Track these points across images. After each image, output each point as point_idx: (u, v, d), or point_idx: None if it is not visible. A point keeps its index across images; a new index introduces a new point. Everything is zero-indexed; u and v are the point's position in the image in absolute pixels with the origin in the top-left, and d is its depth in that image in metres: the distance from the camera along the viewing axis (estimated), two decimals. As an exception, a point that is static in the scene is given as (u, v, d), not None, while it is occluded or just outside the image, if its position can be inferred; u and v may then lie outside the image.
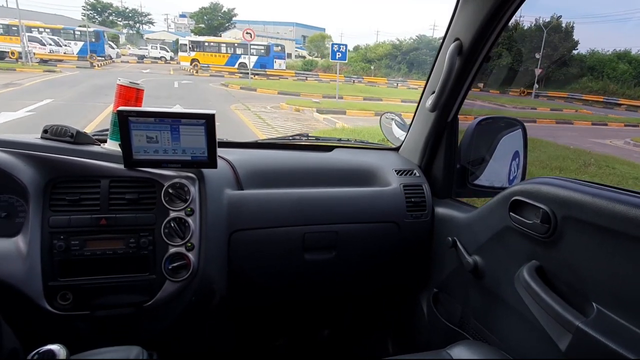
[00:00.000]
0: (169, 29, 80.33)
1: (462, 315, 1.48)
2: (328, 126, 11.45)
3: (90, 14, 60.48)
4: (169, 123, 1.22)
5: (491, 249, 1.28)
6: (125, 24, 66.33)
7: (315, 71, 38.90)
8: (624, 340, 0.82)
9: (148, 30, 69.96)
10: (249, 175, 1.52)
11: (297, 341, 2.03)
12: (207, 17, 59.15)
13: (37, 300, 1.18)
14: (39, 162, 1.23)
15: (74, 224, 1.22)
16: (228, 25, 60.58)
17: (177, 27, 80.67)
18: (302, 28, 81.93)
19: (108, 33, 51.41)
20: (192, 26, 62.26)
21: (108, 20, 61.84)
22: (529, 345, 1.13)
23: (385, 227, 1.59)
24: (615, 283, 0.88)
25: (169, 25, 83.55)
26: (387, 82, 32.38)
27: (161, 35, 63.97)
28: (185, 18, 76.25)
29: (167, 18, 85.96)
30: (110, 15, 62.92)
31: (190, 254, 1.29)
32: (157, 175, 1.30)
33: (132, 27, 67.00)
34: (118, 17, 64.38)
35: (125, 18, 65.47)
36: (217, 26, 58.49)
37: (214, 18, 59.32)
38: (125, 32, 64.57)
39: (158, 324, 1.35)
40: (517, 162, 1.66)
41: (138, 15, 66.26)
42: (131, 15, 65.31)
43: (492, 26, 1.27)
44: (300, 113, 13.75)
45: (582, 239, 0.95)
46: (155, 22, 71.83)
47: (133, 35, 63.69)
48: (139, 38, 62.03)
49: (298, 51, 66.78)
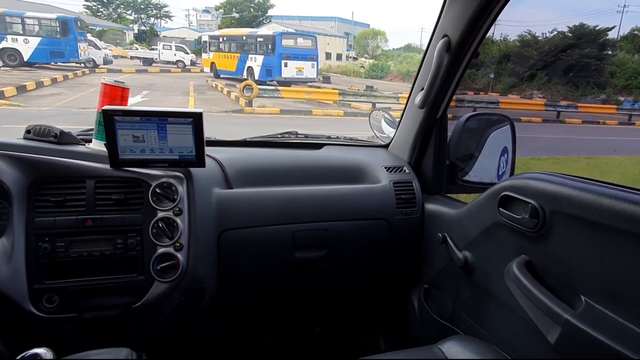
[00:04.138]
0: (190, 25, 64.55)
1: (452, 311, 1.49)
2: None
3: (93, 6, 50.16)
4: (155, 122, 1.21)
5: (481, 244, 1.29)
6: (135, 18, 54.59)
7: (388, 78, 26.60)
8: (612, 332, 0.83)
9: (165, 27, 57.58)
10: (238, 174, 1.51)
11: (288, 339, 2.03)
12: (237, 8, 49.10)
13: (22, 303, 1.15)
14: (22, 163, 1.21)
15: (59, 225, 1.20)
16: (263, 19, 50.42)
17: (199, 24, 65.03)
18: (344, 24, 66.08)
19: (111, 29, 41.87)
20: (218, 20, 49.79)
21: (115, 14, 52.16)
22: (519, 338, 1.14)
23: (375, 224, 1.59)
24: (603, 276, 0.90)
25: (190, 22, 66.99)
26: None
27: (181, 33, 51.08)
28: (208, 14, 64.71)
29: (188, 14, 72.03)
30: (117, 8, 52.46)
31: (179, 254, 1.27)
32: (144, 175, 1.28)
33: (144, 23, 54.68)
34: (127, 10, 53.49)
35: (136, 11, 54.07)
36: (249, 20, 47.90)
37: (246, 9, 49.63)
38: (135, 28, 51.71)
39: (147, 325, 1.34)
40: (505, 158, 1.67)
41: (152, 8, 54.56)
42: (143, 7, 53.97)
43: (480, 22, 1.28)
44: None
45: (570, 233, 0.97)
46: (173, 17, 61.00)
47: (145, 33, 49.73)
48: (152, 35, 48.27)
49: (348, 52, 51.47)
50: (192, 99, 14.37)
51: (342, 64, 38.37)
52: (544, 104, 13.99)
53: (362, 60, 38.56)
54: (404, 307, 1.80)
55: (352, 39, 56.55)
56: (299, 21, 59.19)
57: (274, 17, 53.27)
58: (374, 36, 47.94)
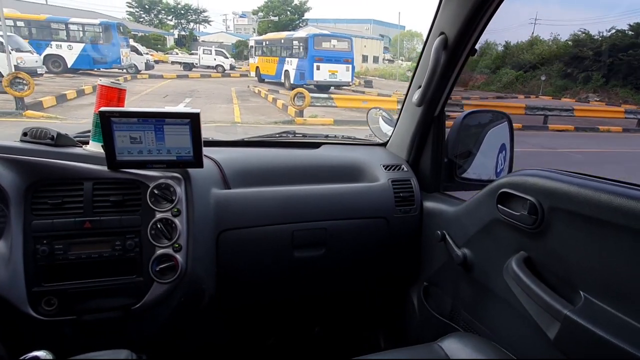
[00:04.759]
0: (228, 30, 66.90)
1: (452, 308, 1.49)
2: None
3: (136, 12, 50.76)
4: (152, 123, 1.20)
5: (480, 241, 1.30)
6: (176, 24, 55.14)
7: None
8: (611, 327, 0.83)
9: (203, 32, 58.79)
10: (236, 174, 1.51)
11: (288, 339, 2.03)
12: (274, 12, 48.78)
13: (21, 306, 1.15)
14: (19, 165, 1.20)
15: (57, 228, 1.19)
16: (299, 23, 49.58)
17: (236, 29, 68.03)
18: (380, 26, 64.48)
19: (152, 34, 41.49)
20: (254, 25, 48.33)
21: (157, 20, 52.52)
22: (518, 335, 1.14)
23: (374, 223, 1.59)
24: (602, 271, 0.90)
25: (227, 27, 69.33)
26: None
27: (219, 37, 52.54)
28: (245, 18, 65.53)
29: (225, 19, 72.09)
30: (159, 14, 52.87)
31: (178, 255, 1.27)
32: (141, 176, 1.28)
33: (183, 28, 55.63)
34: (168, 15, 53.82)
35: (177, 16, 54.21)
36: (286, 23, 47.14)
37: (283, 12, 48.92)
38: (175, 34, 53.06)
39: (147, 327, 1.33)
40: (503, 155, 1.67)
41: (192, 13, 54.94)
42: (183, 12, 54.14)
43: (476, 20, 1.28)
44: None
45: (569, 229, 0.97)
46: (212, 21, 60.24)
47: (185, 37, 52.14)
48: (191, 40, 50.83)
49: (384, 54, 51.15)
50: (236, 108, 13.36)
51: (378, 67, 36.88)
52: (623, 111, 12.59)
53: (398, 62, 37.11)
54: (404, 305, 1.81)
55: (387, 41, 55.47)
56: (333, 24, 58.40)
57: (310, 21, 52.74)
58: (410, 38, 46.90)
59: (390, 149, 1.87)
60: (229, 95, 16.73)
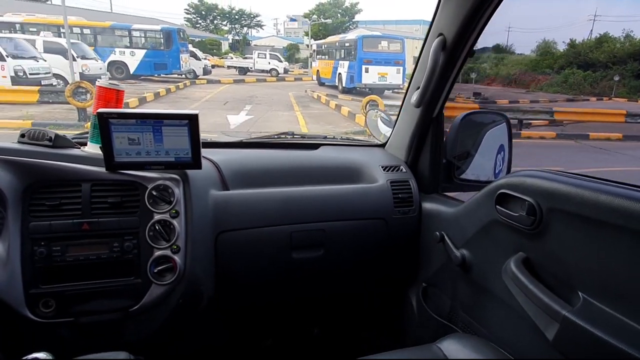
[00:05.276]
0: (278, 34, 69.15)
1: (451, 309, 1.49)
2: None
3: (193, 18, 52.61)
4: (151, 124, 1.20)
5: (478, 242, 1.30)
6: (230, 28, 56.63)
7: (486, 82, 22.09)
8: (610, 328, 0.84)
9: (255, 36, 61.16)
10: (235, 175, 1.51)
11: (287, 340, 2.03)
12: (325, 14, 49.84)
13: (19, 308, 1.15)
14: (17, 167, 1.20)
15: (55, 230, 1.19)
16: (349, 25, 50.15)
17: (286, 32, 69.52)
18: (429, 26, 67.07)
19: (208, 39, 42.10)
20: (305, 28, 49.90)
21: (212, 25, 54.38)
22: (517, 335, 1.15)
23: (372, 224, 1.60)
24: (600, 272, 0.90)
25: (277, 31, 71.70)
26: None
27: (270, 41, 54.19)
28: (295, 22, 66.26)
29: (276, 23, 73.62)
30: (214, 19, 54.60)
31: (176, 256, 1.27)
32: (140, 178, 1.28)
33: (237, 33, 57.08)
34: (223, 21, 55.48)
35: (231, 21, 55.74)
36: (336, 26, 48.01)
37: (333, 15, 50.06)
38: (229, 38, 54.49)
39: (145, 328, 1.33)
40: (502, 156, 1.67)
41: (246, 17, 56.32)
42: (237, 17, 55.57)
43: (475, 21, 1.28)
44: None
45: (568, 230, 0.97)
46: (264, 26, 61.86)
47: (238, 42, 53.30)
48: (245, 44, 51.68)
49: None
50: (299, 116, 12.49)
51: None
52: None
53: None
54: (402, 306, 1.80)
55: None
56: (382, 25, 57.73)
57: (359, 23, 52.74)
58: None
59: (388, 150, 1.87)
60: (288, 101, 16.25)
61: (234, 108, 13.16)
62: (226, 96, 16.60)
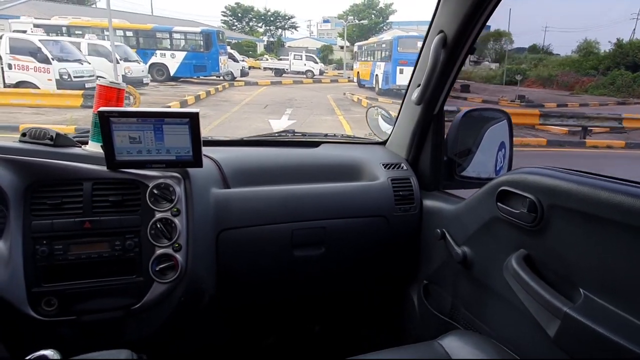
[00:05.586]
0: (312, 35, 68.83)
1: (452, 306, 1.49)
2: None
3: (229, 20, 53.39)
4: (152, 123, 1.20)
5: (480, 239, 1.30)
6: (265, 30, 57.20)
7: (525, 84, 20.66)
8: (611, 324, 0.84)
9: (289, 37, 60.85)
10: (235, 173, 1.51)
11: (288, 338, 2.04)
12: (359, 15, 49.09)
13: (21, 307, 1.15)
14: (18, 166, 1.20)
15: (56, 228, 1.19)
16: (383, 26, 49.70)
17: (319, 34, 69.39)
18: None
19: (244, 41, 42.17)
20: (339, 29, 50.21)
21: (248, 27, 54.87)
22: (519, 332, 1.14)
23: (373, 221, 1.59)
24: (601, 269, 0.90)
25: (311, 32, 71.59)
26: None
27: (304, 43, 54.06)
28: (328, 24, 67.21)
29: (309, 24, 73.64)
30: (250, 21, 55.19)
31: (178, 254, 1.27)
32: (141, 176, 1.28)
33: (272, 34, 57.43)
34: (258, 22, 56.06)
35: (266, 23, 56.20)
36: (370, 26, 47.43)
37: (368, 16, 49.01)
38: (264, 40, 54.81)
39: (147, 326, 1.33)
40: (503, 153, 1.66)
41: (280, 19, 56.86)
42: (272, 19, 56.11)
43: (475, 18, 1.28)
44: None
45: (569, 227, 0.97)
46: (298, 27, 62.11)
47: (273, 44, 53.15)
48: (279, 46, 51.52)
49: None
50: (343, 120, 12.00)
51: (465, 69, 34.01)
52: None
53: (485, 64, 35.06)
54: (404, 304, 1.80)
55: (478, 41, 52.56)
56: (416, 26, 55.56)
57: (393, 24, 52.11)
58: (497, 38, 42.24)
59: (389, 148, 1.87)
60: (327, 104, 15.82)
61: (275, 112, 12.98)
62: (265, 99, 16.31)
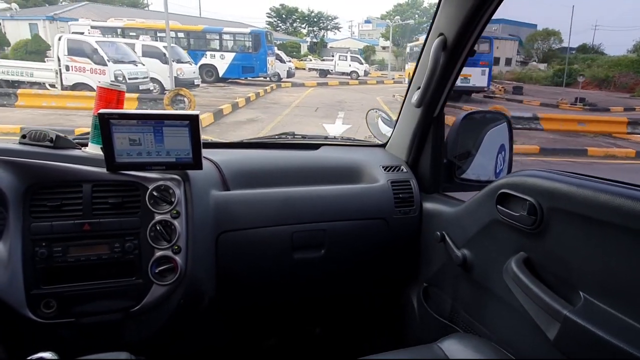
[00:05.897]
0: (353, 35, 68.54)
1: (452, 309, 1.49)
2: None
3: (274, 22, 53.81)
4: (152, 125, 1.20)
5: (479, 242, 1.30)
6: (308, 31, 57.44)
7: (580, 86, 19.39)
8: (611, 328, 0.84)
9: (331, 38, 60.47)
10: (235, 176, 1.51)
11: (288, 341, 2.03)
12: (402, 16, 49.03)
13: (20, 309, 1.15)
14: (18, 168, 1.20)
15: (56, 230, 1.19)
16: (426, 26, 47.52)
17: (361, 35, 69.13)
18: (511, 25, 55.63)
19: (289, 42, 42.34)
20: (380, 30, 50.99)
21: (292, 28, 55.17)
22: (518, 335, 1.14)
23: (373, 224, 1.59)
24: (601, 272, 0.90)
25: (352, 33, 71.37)
26: None
27: (346, 43, 54.36)
28: (370, 24, 67.61)
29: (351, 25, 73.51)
30: (294, 22, 55.47)
31: (177, 256, 1.27)
32: (141, 178, 1.28)
33: (315, 35, 57.56)
34: (302, 23, 56.31)
35: (310, 24, 56.41)
36: (413, 27, 47.46)
37: (411, 16, 49.51)
38: (308, 41, 54.59)
39: (146, 329, 1.33)
40: (503, 156, 1.66)
41: (324, 20, 57.08)
42: (316, 20, 56.28)
43: (475, 20, 1.28)
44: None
45: (568, 230, 0.97)
46: (341, 28, 62.32)
47: (316, 44, 53.12)
48: (322, 47, 51.49)
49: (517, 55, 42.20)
50: None
51: (511, 70, 32.83)
52: None
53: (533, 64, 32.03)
54: (403, 306, 1.80)
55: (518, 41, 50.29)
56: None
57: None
58: (546, 37, 39.63)
59: (389, 150, 1.86)
60: (379, 106, 14.13)
61: (327, 115, 12.58)
62: (314, 101, 15.99)
